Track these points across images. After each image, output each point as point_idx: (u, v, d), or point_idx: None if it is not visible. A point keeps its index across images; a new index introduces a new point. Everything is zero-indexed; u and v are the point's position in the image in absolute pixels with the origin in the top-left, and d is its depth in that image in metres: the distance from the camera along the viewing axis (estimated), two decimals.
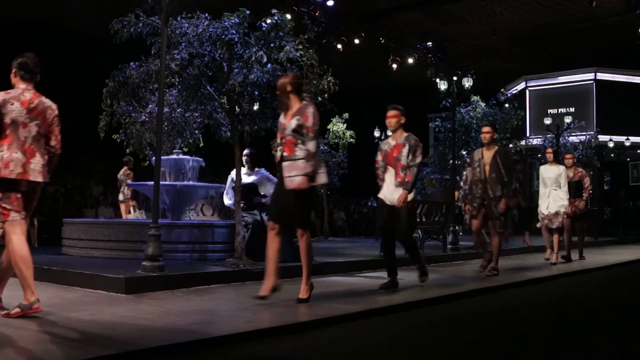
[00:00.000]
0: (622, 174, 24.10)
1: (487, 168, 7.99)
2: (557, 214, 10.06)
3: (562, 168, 10.14)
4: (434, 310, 5.76)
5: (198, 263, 7.85)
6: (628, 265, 11.36)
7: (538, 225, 10.45)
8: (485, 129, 8.26)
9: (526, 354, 4.11)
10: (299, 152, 5.38)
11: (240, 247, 7.69)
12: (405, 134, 6.62)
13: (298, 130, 5.41)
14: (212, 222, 9.79)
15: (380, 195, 6.68)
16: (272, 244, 5.43)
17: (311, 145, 5.41)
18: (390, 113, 6.62)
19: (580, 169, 11.06)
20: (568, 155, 11.15)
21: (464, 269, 9.58)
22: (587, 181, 10.89)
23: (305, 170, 5.32)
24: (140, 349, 3.67)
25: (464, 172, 11.18)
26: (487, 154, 8.10)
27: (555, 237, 10.25)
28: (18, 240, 4.53)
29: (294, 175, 5.33)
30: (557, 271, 9.42)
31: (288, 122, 5.50)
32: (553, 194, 10.02)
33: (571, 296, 7.36)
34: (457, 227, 11.78)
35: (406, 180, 6.43)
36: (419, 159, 6.52)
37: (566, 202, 10.00)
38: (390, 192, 6.55)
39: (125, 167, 13.04)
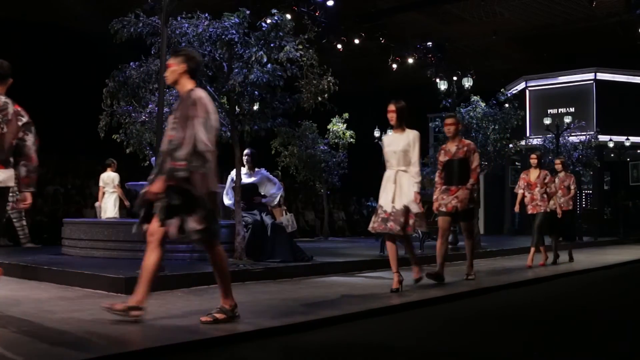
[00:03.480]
0: (622, 174, 24.10)
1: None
2: (406, 210, 6.34)
3: (413, 135, 6.46)
4: (434, 311, 5.75)
5: (198, 263, 7.84)
6: (628, 265, 11.36)
7: (371, 227, 6.57)
8: (171, 60, 4.55)
9: (525, 353, 4.11)
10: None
11: (240, 247, 7.69)
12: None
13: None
14: None
15: None
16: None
17: None
18: None
19: (467, 141, 7.52)
20: (449, 120, 7.57)
21: (464, 269, 9.57)
22: (475, 159, 7.35)
23: None
24: (140, 349, 3.67)
25: None
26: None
27: (408, 247, 6.94)
28: None
29: None
30: (556, 272, 9.42)
31: None
32: (401, 178, 6.40)
33: (570, 294, 7.36)
34: (456, 227, 11.77)
35: None
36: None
37: (414, 193, 6.35)
38: None
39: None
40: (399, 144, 6.46)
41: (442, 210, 7.35)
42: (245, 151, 8.63)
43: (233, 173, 8.34)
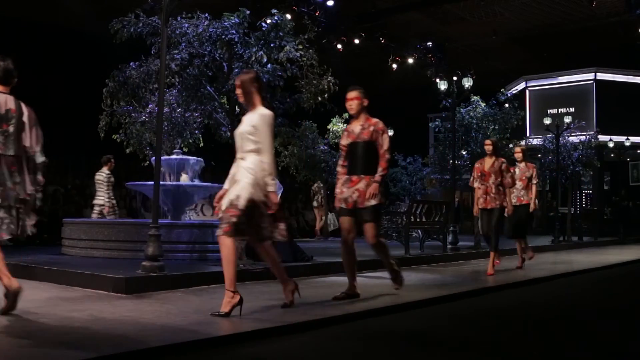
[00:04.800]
0: (622, 174, 24.09)
1: None
2: (233, 206, 4.76)
3: (258, 115, 4.90)
4: (434, 311, 5.76)
5: (198, 263, 7.84)
6: (628, 265, 11.36)
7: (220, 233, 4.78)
8: None
9: (521, 353, 4.11)
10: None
11: (240, 247, 7.69)
12: None
13: None
14: (212, 222, 9.78)
15: None
16: None
17: None
18: None
19: (375, 120, 5.88)
20: (351, 94, 5.85)
21: (464, 268, 9.58)
22: (384, 141, 5.78)
23: None
24: (140, 349, 3.67)
25: None
26: None
27: (228, 257, 4.75)
28: None
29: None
30: (555, 272, 9.42)
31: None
32: (238, 168, 4.96)
33: (570, 294, 7.36)
34: (456, 227, 11.78)
35: None
36: None
37: (249, 181, 4.77)
38: None
39: (318, 181, 17.14)
40: (242, 125, 4.99)
41: (343, 207, 5.79)
42: None
43: None
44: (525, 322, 5.33)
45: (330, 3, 16.74)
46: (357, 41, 18.91)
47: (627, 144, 21.62)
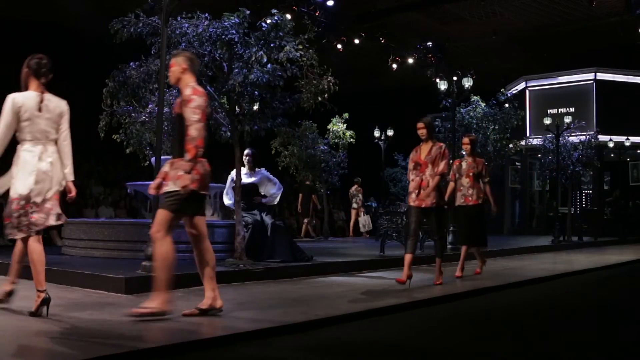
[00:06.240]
0: (622, 174, 24.07)
1: None
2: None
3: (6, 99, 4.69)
4: (434, 310, 5.76)
5: None
6: (628, 265, 11.36)
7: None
8: None
9: (522, 352, 4.11)
10: None
11: (240, 247, 7.69)
12: None
13: None
14: (212, 222, 9.77)
15: None
16: None
17: None
18: None
19: (190, 87, 4.84)
20: (172, 61, 4.99)
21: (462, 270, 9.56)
22: (187, 114, 4.66)
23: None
24: (140, 349, 3.67)
25: None
26: None
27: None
28: None
29: None
30: (554, 272, 9.41)
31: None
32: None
33: (570, 294, 7.37)
34: (457, 227, 11.75)
35: None
36: None
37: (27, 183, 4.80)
38: None
39: (356, 185, 18.28)
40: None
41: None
42: (246, 151, 8.63)
43: (233, 173, 8.34)
44: (525, 322, 5.33)
45: (330, 3, 16.73)
46: (357, 41, 18.90)
47: (627, 144, 21.60)
